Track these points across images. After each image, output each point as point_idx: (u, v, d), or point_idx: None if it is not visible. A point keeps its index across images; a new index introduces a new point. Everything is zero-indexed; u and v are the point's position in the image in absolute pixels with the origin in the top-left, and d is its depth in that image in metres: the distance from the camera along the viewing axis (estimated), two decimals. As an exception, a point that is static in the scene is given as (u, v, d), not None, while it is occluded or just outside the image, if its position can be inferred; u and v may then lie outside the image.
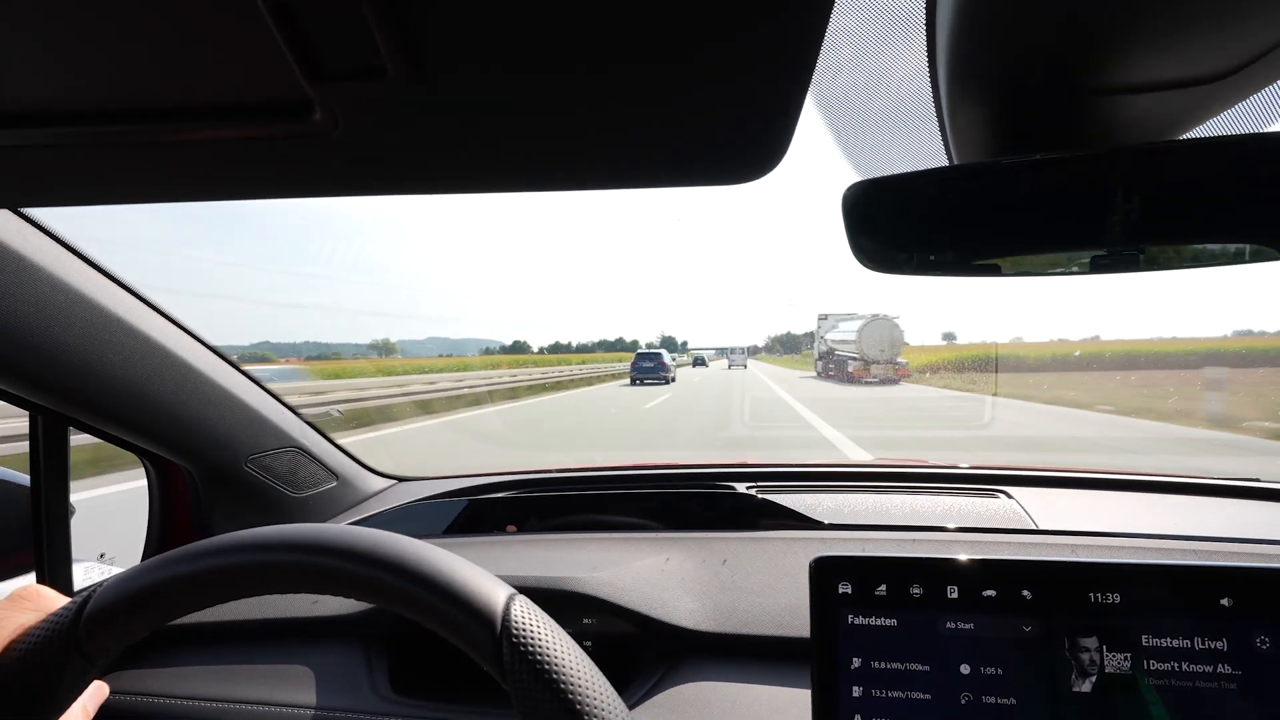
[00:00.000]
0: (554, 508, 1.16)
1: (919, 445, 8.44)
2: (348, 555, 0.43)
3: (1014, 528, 0.97)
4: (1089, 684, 0.50)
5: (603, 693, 0.42)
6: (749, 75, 0.31)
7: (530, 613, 0.44)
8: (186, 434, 0.92)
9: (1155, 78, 0.46)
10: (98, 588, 0.45)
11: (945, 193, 0.50)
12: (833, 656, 0.53)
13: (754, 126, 0.35)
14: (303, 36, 0.28)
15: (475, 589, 0.43)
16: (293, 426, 1.10)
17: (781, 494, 1.09)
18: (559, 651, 0.42)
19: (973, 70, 0.47)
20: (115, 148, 0.37)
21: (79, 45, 0.29)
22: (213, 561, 0.44)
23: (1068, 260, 0.52)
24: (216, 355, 0.93)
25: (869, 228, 0.51)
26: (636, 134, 0.36)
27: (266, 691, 0.79)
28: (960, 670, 0.52)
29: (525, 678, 0.41)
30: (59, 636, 0.44)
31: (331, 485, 1.20)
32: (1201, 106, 0.49)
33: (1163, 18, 0.40)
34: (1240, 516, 1.02)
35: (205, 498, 1.00)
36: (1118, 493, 1.13)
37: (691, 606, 0.81)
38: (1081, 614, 0.51)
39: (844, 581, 0.54)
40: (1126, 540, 0.89)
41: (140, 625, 0.44)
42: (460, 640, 0.43)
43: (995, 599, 0.52)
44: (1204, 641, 0.49)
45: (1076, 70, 0.46)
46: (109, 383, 0.78)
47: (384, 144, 0.36)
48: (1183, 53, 0.43)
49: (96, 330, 0.75)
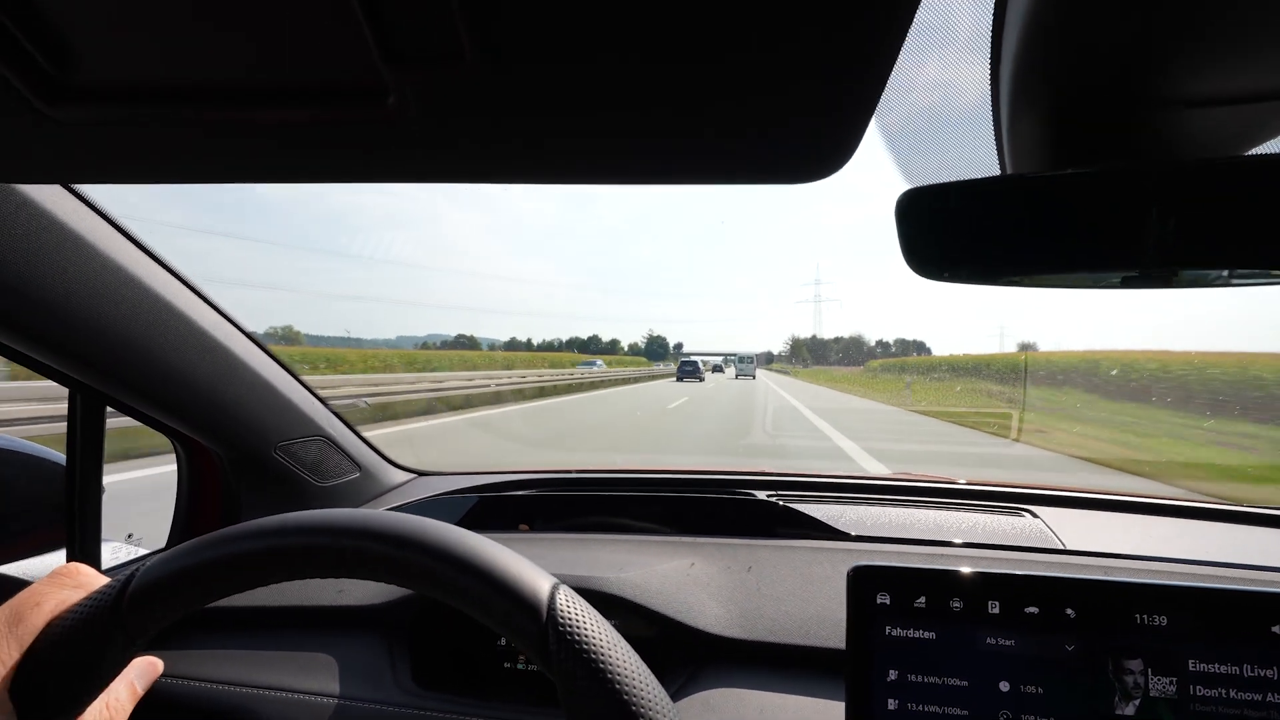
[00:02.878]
0: (574, 508, 1.16)
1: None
2: (393, 541, 0.43)
3: (1042, 546, 0.96)
4: (1132, 707, 0.49)
5: (649, 685, 0.42)
6: (827, 77, 0.31)
7: (575, 603, 0.43)
8: (221, 418, 0.93)
9: (1219, 91, 0.45)
10: (141, 565, 0.45)
11: (1002, 202, 0.50)
12: (869, 668, 0.53)
13: (825, 127, 0.35)
14: (383, 16, 0.28)
15: (520, 577, 0.43)
16: (321, 416, 1.11)
17: (803, 504, 1.08)
18: (605, 643, 0.42)
19: (1037, 80, 0.46)
20: (182, 127, 0.37)
21: (149, 20, 0.29)
22: (258, 544, 0.44)
23: (1122, 273, 0.51)
24: (253, 342, 0.94)
25: (923, 234, 0.51)
26: (709, 130, 0.35)
27: (290, 678, 0.79)
28: (1000, 687, 0.51)
29: (573, 667, 0.40)
30: (103, 612, 0.44)
31: (355, 476, 1.20)
32: (1267, 123, 0.48)
33: (1230, 29, 0.40)
34: (1274, 545, 1.00)
35: (233, 482, 1.01)
36: (1146, 516, 1.11)
37: (717, 612, 0.81)
38: (1126, 635, 0.50)
39: (882, 592, 0.54)
40: (1159, 564, 0.87)
41: (183, 604, 0.45)
42: (505, 629, 0.43)
43: (1037, 616, 0.51)
44: (1254, 669, 0.48)
45: (1140, 82, 0.45)
46: (150, 363, 0.79)
47: (454, 131, 0.36)
48: (1249, 66, 0.42)
49: (143, 311, 0.76)
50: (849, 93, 0.32)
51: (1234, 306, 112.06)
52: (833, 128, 0.35)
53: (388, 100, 0.33)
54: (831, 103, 0.33)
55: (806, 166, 0.39)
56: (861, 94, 0.32)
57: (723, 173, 0.39)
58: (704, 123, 0.35)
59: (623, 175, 0.40)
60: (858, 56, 0.29)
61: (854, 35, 0.28)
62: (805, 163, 0.39)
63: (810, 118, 0.34)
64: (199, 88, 0.34)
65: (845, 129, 0.35)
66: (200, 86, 0.34)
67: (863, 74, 0.30)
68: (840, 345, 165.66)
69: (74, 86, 0.34)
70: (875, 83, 0.31)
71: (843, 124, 0.34)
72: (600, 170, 0.39)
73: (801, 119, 0.34)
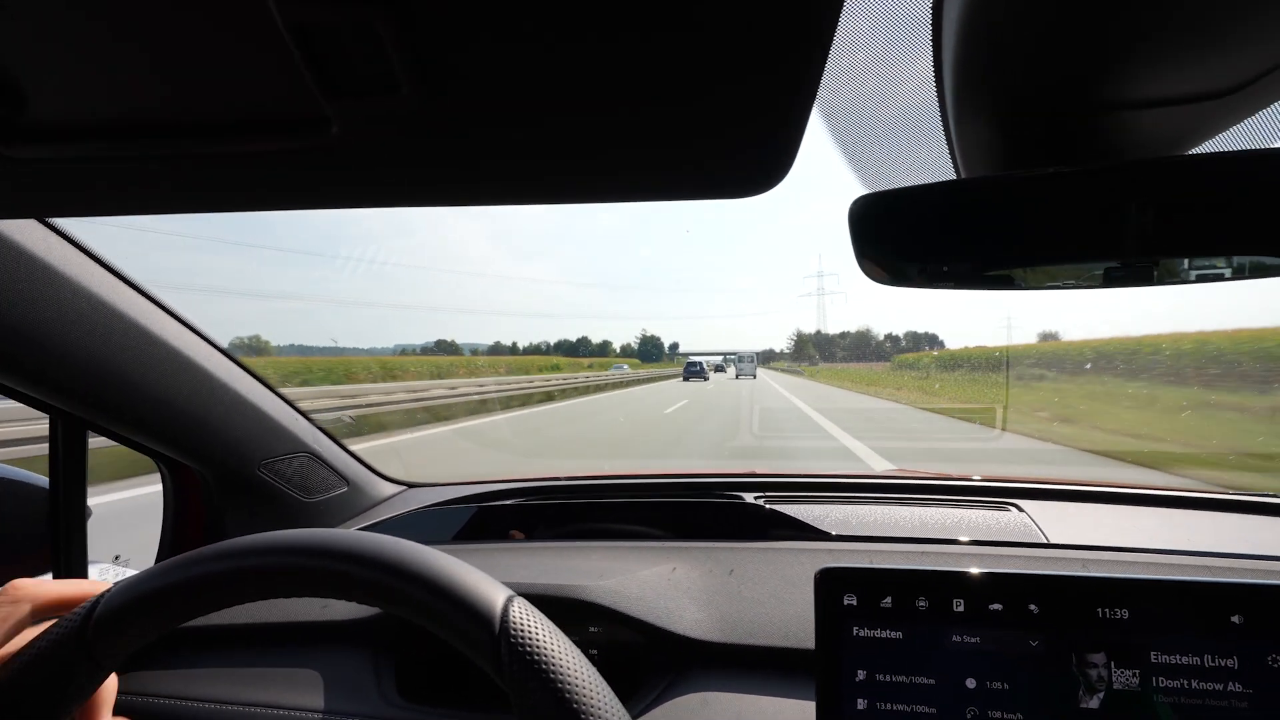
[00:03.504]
0: (562, 515, 1.17)
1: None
2: (349, 559, 0.44)
3: (1025, 541, 0.96)
4: (1097, 700, 0.50)
5: (601, 694, 0.42)
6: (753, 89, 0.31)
7: (529, 614, 0.44)
8: (201, 438, 0.94)
9: (1161, 93, 0.46)
10: (108, 592, 0.46)
11: (952, 206, 0.50)
12: (838, 668, 0.53)
13: (759, 140, 0.36)
14: (320, 55, 0.29)
15: (474, 591, 0.44)
16: (305, 432, 1.11)
17: (789, 504, 1.09)
18: (558, 653, 0.42)
19: (979, 83, 0.47)
20: (140, 161, 0.38)
21: (104, 64, 0.30)
22: (218, 566, 0.45)
23: (1080, 273, 0.52)
24: (232, 360, 0.95)
25: (876, 241, 0.51)
26: (643, 149, 0.36)
27: (275, 695, 0.80)
28: (966, 684, 0.51)
29: (523, 678, 0.41)
30: (69, 639, 0.44)
31: (343, 490, 1.21)
32: (1208, 122, 0.49)
33: (1168, 34, 0.40)
34: (1255, 533, 1.00)
35: (218, 502, 1.02)
36: (1131, 507, 1.11)
37: (698, 616, 0.81)
38: (1089, 629, 0.50)
39: (849, 593, 0.54)
40: (1138, 555, 0.87)
41: (150, 629, 0.45)
42: (459, 641, 0.43)
43: (1002, 613, 0.52)
44: (1214, 659, 0.49)
45: (1083, 85, 0.46)
46: (127, 387, 0.80)
47: (398, 157, 0.37)
48: (1188, 68, 0.43)
49: (116, 336, 0.76)
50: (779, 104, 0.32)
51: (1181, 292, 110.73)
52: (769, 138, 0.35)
53: (331, 130, 0.34)
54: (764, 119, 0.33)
55: (747, 181, 0.39)
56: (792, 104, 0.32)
57: (664, 190, 0.40)
58: (641, 144, 0.36)
59: (563, 196, 0.40)
60: (782, 66, 0.30)
61: (774, 46, 0.29)
62: (746, 177, 0.39)
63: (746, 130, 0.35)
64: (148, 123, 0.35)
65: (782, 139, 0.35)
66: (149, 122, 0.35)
67: (789, 85, 0.31)
68: (847, 341, 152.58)
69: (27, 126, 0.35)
70: (803, 94, 0.32)
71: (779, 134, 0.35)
72: (541, 191, 0.40)
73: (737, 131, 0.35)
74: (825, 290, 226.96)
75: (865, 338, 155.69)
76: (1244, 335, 18.27)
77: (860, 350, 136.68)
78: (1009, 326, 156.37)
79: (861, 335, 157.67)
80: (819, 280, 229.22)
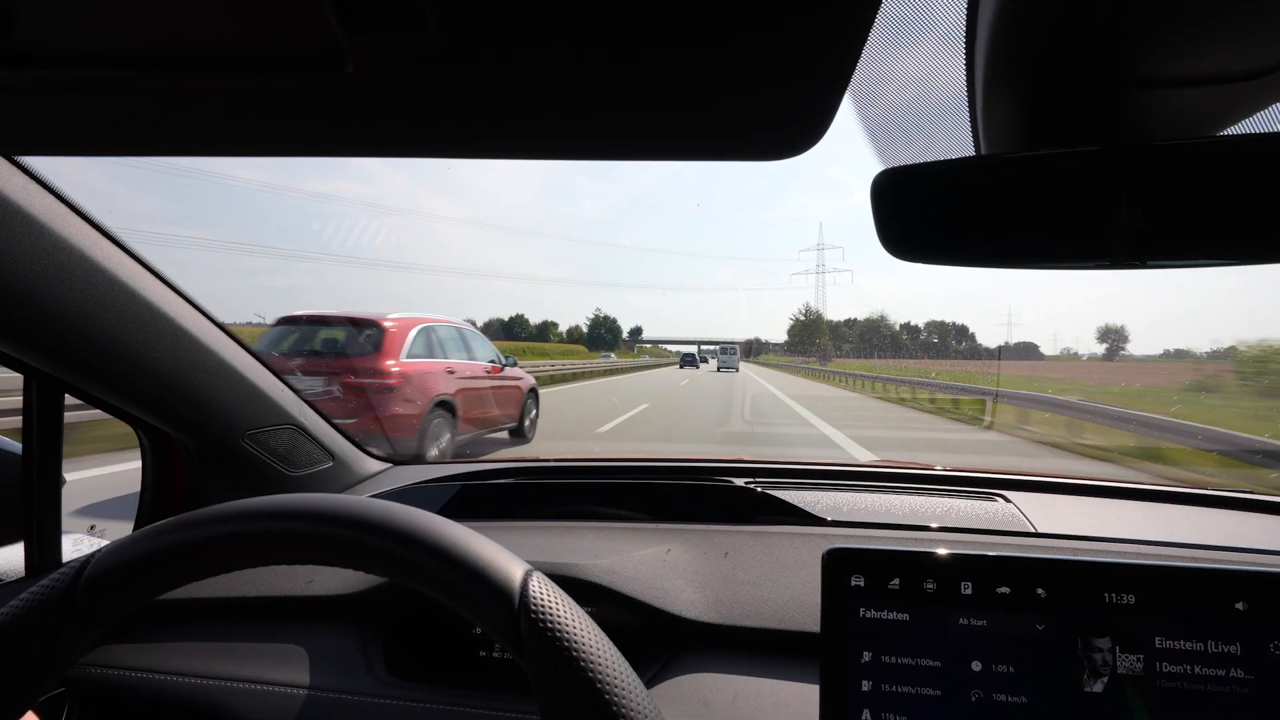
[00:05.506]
0: (551, 497, 1.15)
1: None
2: (361, 526, 0.42)
3: (1014, 530, 0.97)
4: (1101, 684, 0.50)
5: (623, 673, 0.41)
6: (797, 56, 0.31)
7: (548, 589, 0.43)
8: (185, 406, 0.90)
9: (1190, 72, 0.45)
10: (98, 552, 0.44)
11: (976, 182, 0.50)
12: (843, 650, 0.53)
13: (797, 105, 0.35)
14: None
15: (490, 563, 0.42)
16: (291, 404, 1.08)
17: (781, 490, 1.08)
18: (578, 629, 0.41)
19: (1011, 59, 0.46)
20: (130, 94, 0.35)
21: None
22: (221, 528, 0.43)
23: (1099, 252, 0.51)
24: (219, 328, 0.92)
25: (898, 216, 0.50)
26: (678, 106, 0.35)
27: (260, 670, 0.78)
28: (972, 667, 0.51)
29: (544, 654, 0.40)
30: (55, 600, 0.42)
31: (328, 465, 1.18)
32: (1236, 105, 0.48)
33: (1200, 10, 0.40)
34: (1238, 527, 1.02)
35: (200, 472, 0.99)
36: (1116, 500, 1.13)
37: (693, 597, 0.81)
38: (1095, 614, 0.50)
39: (857, 575, 0.54)
40: (1125, 546, 0.89)
41: (142, 591, 0.43)
42: (475, 615, 0.42)
43: (1009, 596, 0.52)
44: (1217, 645, 0.49)
45: (1112, 62, 0.45)
46: (108, 348, 0.77)
47: (418, 101, 0.35)
48: (1219, 47, 0.43)
49: (98, 293, 0.73)
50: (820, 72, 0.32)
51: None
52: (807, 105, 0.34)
53: (346, 68, 0.32)
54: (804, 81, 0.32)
55: (779, 143, 0.38)
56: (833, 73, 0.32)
57: (695, 149, 0.38)
58: (675, 99, 0.34)
59: (588, 151, 0.39)
60: (829, 37, 0.29)
61: (823, 17, 0.28)
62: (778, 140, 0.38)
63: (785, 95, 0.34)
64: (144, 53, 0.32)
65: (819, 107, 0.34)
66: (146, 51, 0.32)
67: (833, 54, 0.30)
68: (855, 330, 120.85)
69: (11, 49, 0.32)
70: (845, 63, 0.31)
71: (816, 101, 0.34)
72: (568, 145, 0.38)
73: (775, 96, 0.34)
74: (826, 268, 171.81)
75: (877, 327, 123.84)
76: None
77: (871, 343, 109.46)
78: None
79: (872, 324, 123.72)
80: (818, 254, 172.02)
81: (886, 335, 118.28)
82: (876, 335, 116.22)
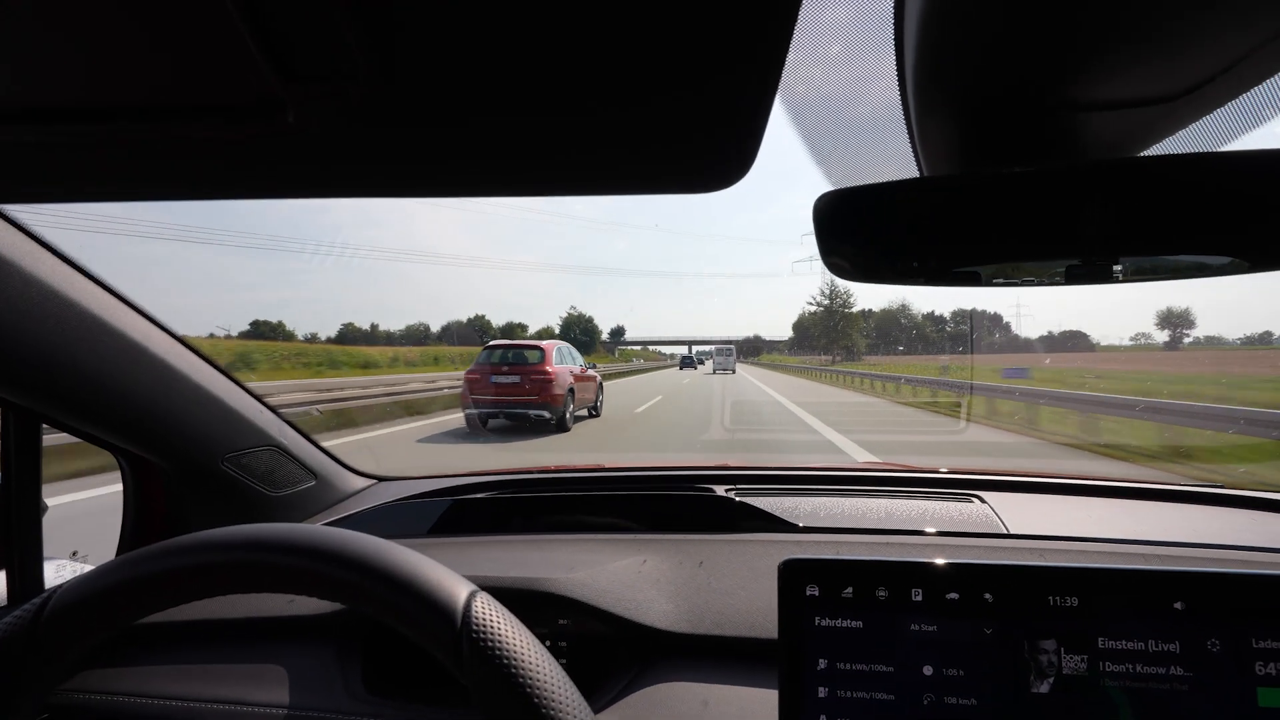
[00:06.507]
0: (535, 508, 1.16)
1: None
2: (309, 554, 0.43)
3: (985, 532, 0.99)
4: (1047, 685, 0.51)
5: (562, 688, 0.42)
6: (714, 85, 0.32)
7: (491, 609, 0.44)
8: (161, 431, 0.91)
9: (1115, 96, 0.47)
10: (59, 589, 0.45)
11: (914, 204, 0.51)
12: (800, 657, 0.54)
13: (721, 135, 0.36)
14: (275, 36, 0.28)
15: (435, 586, 0.44)
16: (271, 425, 1.09)
17: (760, 497, 1.10)
18: (519, 647, 0.42)
19: (939, 83, 0.48)
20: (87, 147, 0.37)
21: (53, 44, 0.29)
22: (175, 561, 0.44)
23: (1043, 270, 0.53)
24: (194, 352, 0.93)
25: (840, 238, 0.52)
26: (605, 142, 0.36)
27: (239, 691, 0.79)
28: (924, 671, 0.53)
29: (484, 673, 0.41)
30: (18, 635, 0.43)
31: (310, 484, 1.19)
32: (1160, 125, 0.50)
33: (1119, 38, 0.41)
34: (1202, 522, 1.04)
35: (181, 496, 1.00)
36: (1087, 498, 1.15)
37: (666, 608, 0.82)
38: (1040, 617, 0.52)
39: (811, 584, 0.55)
40: (1092, 545, 0.90)
41: (104, 625, 0.44)
42: (420, 636, 0.43)
43: (958, 601, 0.53)
44: (1158, 644, 0.51)
45: (1039, 87, 0.47)
46: (82, 379, 0.78)
47: (356, 146, 0.36)
48: (1139, 72, 0.44)
49: (70, 326, 0.74)
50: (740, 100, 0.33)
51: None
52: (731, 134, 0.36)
53: (287, 116, 0.33)
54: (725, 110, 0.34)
55: (709, 174, 0.40)
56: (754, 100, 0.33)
57: (625, 183, 0.40)
58: (600, 133, 0.36)
59: (527, 187, 0.40)
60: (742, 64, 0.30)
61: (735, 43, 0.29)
62: (708, 170, 0.39)
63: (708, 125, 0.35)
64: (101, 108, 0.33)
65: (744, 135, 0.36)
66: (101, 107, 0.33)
67: (750, 81, 0.31)
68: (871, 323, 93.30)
69: None
70: (764, 90, 0.32)
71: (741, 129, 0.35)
72: (503, 184, 0.40)
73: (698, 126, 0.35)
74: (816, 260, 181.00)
75: (894, 318, 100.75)
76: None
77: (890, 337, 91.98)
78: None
79: (889, 315, 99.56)
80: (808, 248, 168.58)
81: (910, 328, 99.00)
82: (897, 328, 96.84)
